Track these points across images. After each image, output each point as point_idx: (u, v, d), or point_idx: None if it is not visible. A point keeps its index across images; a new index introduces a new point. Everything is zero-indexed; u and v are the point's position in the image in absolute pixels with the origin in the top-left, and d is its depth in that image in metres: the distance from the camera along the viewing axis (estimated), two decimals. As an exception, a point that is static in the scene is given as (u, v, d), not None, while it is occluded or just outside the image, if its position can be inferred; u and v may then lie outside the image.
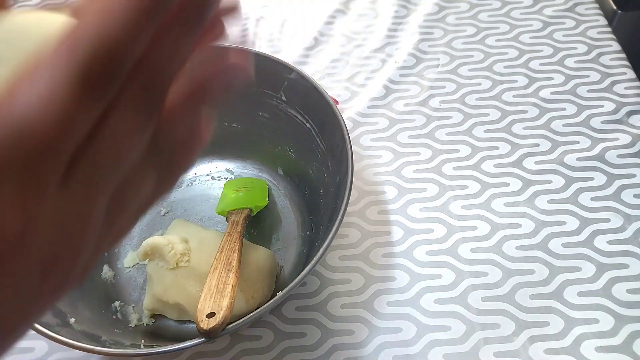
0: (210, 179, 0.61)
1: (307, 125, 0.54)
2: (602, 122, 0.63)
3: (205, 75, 0.20)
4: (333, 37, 0.77)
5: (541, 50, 0.71)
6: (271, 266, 0.50)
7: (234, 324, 0.40)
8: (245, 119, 0.59)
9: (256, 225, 0.57)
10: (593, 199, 0.57)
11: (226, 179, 0.61)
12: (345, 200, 0.44)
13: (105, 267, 0.54)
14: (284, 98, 0.55)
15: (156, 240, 0.49)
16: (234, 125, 0.60)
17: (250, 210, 0.54)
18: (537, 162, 0.60)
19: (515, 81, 0.68)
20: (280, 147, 0.59)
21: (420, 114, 0.66)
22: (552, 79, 0.68)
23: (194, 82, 0.19)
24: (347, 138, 0.48)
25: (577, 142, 0.61)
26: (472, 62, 0.71)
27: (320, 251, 0.42)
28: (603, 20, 0.74)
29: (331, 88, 0.70)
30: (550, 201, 0.57)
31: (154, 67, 0.17)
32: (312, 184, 0.56)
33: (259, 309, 0.40)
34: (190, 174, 0.62)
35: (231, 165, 0.62)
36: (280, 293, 0.41)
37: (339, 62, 0.73)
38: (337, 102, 0.68)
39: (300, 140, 0.56)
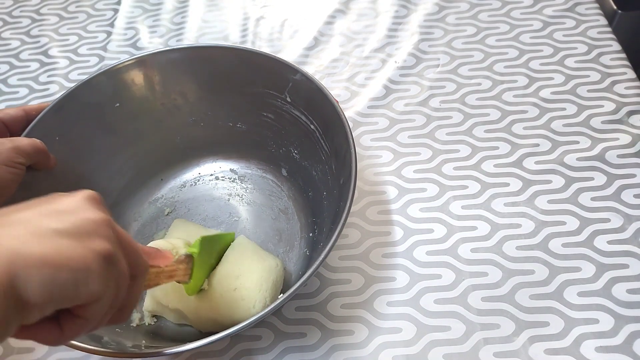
0: (214, 179, 0.61)
1: (312, 126, 0.54)
2: (602, 122, 0.63)
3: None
4: (333, 37, 0.77)
5: (541, 50, 0.71)
6: (277, 277, 0.49)
7: (235, 327, 0.40)
8: (249, 120, 0.59)
9: (259, 226, 0.57)
10: (593, 199, 0.57)
11: (230, 179, 0.61)
12: (348, 204, 0.44)
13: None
14: (288, 99, 0.55)
15: (159, 244, 0.49)
16: (238, 125, 0.60)
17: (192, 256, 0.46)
18: (537, 162, 0.60)
19: (516, 81, 0.68)
20: (284, 148, 0.59)
21: (420, 114, 0.66)
22: (552, 79, 0.68)
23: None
24: (351, 141, 0.47)
25: (577, 142, 0.61)
26: (472, 62, 0.71)
27: (323, 254, 0.42)
28: (603, 20, 0.74)
29: (331, 88, 0.70)
30: (550, 201, 0.57)
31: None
32: (315, 185, 0.56)
33: (260, 313, 0.40)
34: (194, 173, 0.62)
35: (235, 165, 0.62)
36: (282, 296, 0.41)
37: (339, 62, 0.73)
38: (337, 102, 0.67)
39: (304, 141, 0.56)
